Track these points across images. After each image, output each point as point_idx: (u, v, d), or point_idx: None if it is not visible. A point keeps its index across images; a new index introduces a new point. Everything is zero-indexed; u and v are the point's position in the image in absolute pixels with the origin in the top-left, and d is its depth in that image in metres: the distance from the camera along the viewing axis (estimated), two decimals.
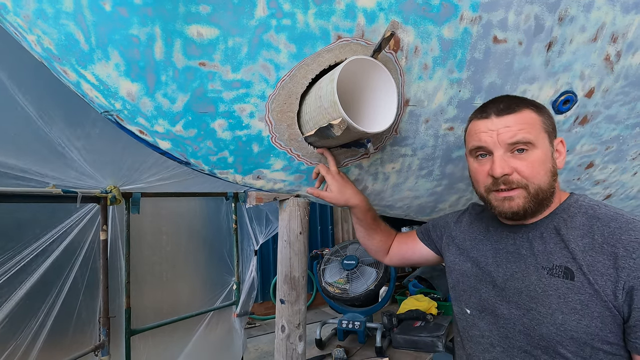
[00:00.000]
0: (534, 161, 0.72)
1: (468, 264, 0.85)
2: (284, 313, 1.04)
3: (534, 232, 0.75)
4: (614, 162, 1.18)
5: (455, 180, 1.14)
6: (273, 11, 0.71)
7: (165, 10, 0.66)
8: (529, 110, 0.73)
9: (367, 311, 1.97)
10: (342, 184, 0.95)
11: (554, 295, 0.68)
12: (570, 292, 0.67)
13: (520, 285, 0.73)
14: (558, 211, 0.75)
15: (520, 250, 0.76)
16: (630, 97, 0.99)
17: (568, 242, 0.70)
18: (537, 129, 0.73)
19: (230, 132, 0.82)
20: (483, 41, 0.83)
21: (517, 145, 0.72)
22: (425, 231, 1.04)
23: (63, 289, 1.48)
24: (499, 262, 0.78)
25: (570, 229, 0.71)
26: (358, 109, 0.87)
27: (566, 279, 0.67)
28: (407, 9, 0.77)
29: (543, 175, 0.72)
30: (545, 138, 0.74)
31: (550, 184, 0.73)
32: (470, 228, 0.89)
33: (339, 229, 4.85)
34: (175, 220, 2.17)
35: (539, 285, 0.71)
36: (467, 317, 0.83)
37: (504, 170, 0.72)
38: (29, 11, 0.64)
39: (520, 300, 0.73)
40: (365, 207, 1.01)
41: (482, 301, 0.79)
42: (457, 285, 0.87)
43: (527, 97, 0.78)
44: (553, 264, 0.70)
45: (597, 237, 0.67)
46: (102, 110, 0.76)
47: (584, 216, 0.71)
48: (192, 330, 2.19)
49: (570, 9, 0.82)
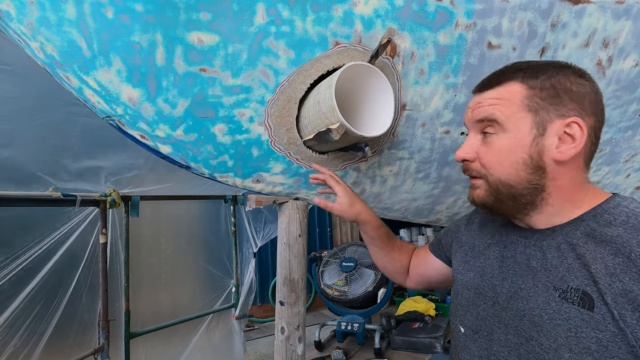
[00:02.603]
0: (497, 148, 0.59)
1: (471, 273, 0.70)
2: (284, 315, 1.05)
3: (550, 241, 0.58)
4: (607, 164, 1.20)
5: (451, 183, 1.15)
6: (272, 18, 0.72)
7: (167, 17, 0.68)
8: (515, 83, 0.58)
9: (365, 313, 1.98)
10: (353, 196, 0.88)
11: (563, 326, 0.52)
12: (585, 326, 0.50)
13: (523, 307, 0.58)
14: (586, 217, 0.57)
15: (531, 262, 0.60)
16: (622, 101, 1.01)
17: (587, 260, 0.53)
18: (513, 106, 0.58)
19: (230, 136, 0.83)
20: (478, 47, 0.85)
21: (482, 126, 0.61)
22: (436, 241, 0.89)
23: (63, 292, 1.49)
24: (505, 274, 0.63)
25: (598, 242, 0.53)
26: (356, 114, 0.88)
27: (582, 308, 0.51)
28: (404, 16, 0.78)
29: (508, 166, 0.58)
30: (526, 119, 0.57)
31: (521, 178, 0.58)
32: (481, 230, 0.74)
33: (337, 231, 4.86)
34: (174, 223, 2.18)
35: (545, 310, 0.55)
36: (459, 336, 0.68)
37: (463, 154, 0.63)
38: (32, 19, 0.65)
39: (521, 326, 0.57)
40: (376, 223, 0.91)
41: (478, 320, 0.65)
42: (455, 297, 0.73)
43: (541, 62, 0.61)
44: (568, 285, 0.53)
45: (636, 257, 0.49)
46: (104, 115, 0.77)
47: (623, 226, 0.53)
48: (191, 333, 2.18)
49: (563, 16, 0.84)
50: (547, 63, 0.59)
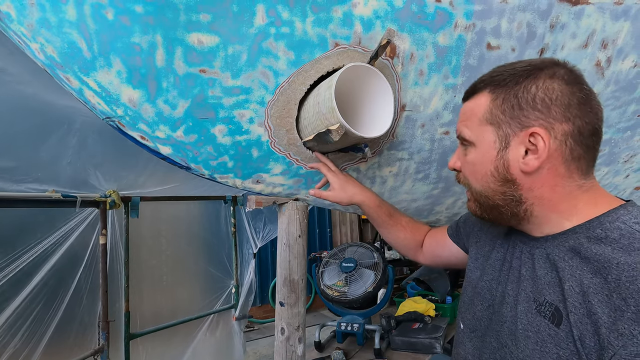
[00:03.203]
0: (470, 161, 0.61)
1: (478, 272, 0.70)
2: (284, 315, 1.05)
3: (541, 250, 0.57)
4: (606, 164, 1.20)
5: (451, 184, 1.15)
6: (272, 19, 0.72)
7: (167, 18, 0.68)
8: (483, 94, 0.58)
9: (365, 313, 1.98)
10: (344, 180, 0.90)
11: (532, 338, 0.53)
12: (550, 341, 0.51)
13: (507, 314, 0.58)
14: (579, 229, 0.54)
15: (522, 270, 0.60)
16: (621, 101, 1.02)
17: (565, 275, 0.51)
18: (477, 122, 0.58)
19: (230, 137, 0.84)
20: (477, 48, 0.85)
21: (460, 140, 0.63)
22: (455, 225, 0.88)
23: (63, 293, 1.49)
24: (501, 278, 0.63)
25: (582, 258, 0.51)
26: (355, 115, 0.88)
27: (552, 323, 0.51)
28: (403, 17, 0.78)
29: (480, 178, 0.60)
30: (489, 132, 0.57)
31: (494, 190, 0.58)
32: (495, 228, 0.73)
33: (337, 231, 4.86)
34: (174, 224, 2.18)
35: (521, 320, 0.55)
36: (460, 331, 0.70)
37: (451, 164, 0.65)
38: (33, 20, 0.65)
39: (501, 332, 0.58)
40: (374, 203, 0.93)
41: (474, 320, 0.66)
42: (463, 293, 0.73)
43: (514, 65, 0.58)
44: (545, 298, 0.53)
45: (612, 280, 0.46)
46: (104, 116, 0.77)
47: (612, 245, 0.49)
48: (191, 333, 2.19)
49: (562, 16, 0.84)
50: (522, 67, 0.56)
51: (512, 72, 0.56)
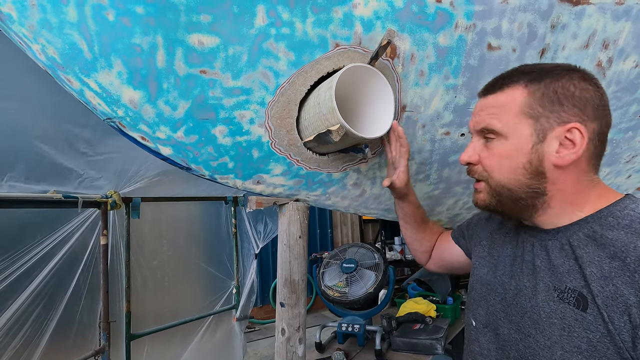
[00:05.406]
0: (498, 154, 0.61)
1: (485, 269, 0.73)
2: (284, 316, 1.05)
3: (554, 241, 0.60)
4: (608, 165, 1.20)
5: (452, 184, 1.15)
6: (272, 20, 0.73)
7: (167, 19, 0.68)
8: (517, 87, 0.60)
9: (366, 314, 1.98)
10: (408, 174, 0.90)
11: (557, 325, 0.55)
12: (577, 326, 0.53)
13: (526, 305, 0.60)
14: (591, 219, 0.57)
15: (536, 261, 0.61)
16: (622, 102, 1.01)
17: (584, 262, 0.54)
18: (512, 114, 0.59)
19: (230, 138, 0.84)
20: (478, 48, 0.85)
21: (484, 133, 0.63)
22: (459, 230, 0.90)
23: (64, 294, 1.49)
24: (514, 272, 0.65)
25: (598, 245, 0.54)
26: (356, 115, 0.88)
27: (577, 308, 0.53)
28: (403, 18, 0.78)
29: (507, 171, 0.60)
30: (526, 126, 0.58)
31: (521, 182, 0.60)
32: (500, 226, 0.76)
33: (338, 232, 4.86)
34: (175, 225, 2.18)
35: (543, 309, 0.57)
36: (471, 329, 0.72)
37: (466, 157, 0.65)
38: (34, 21, 0.65)
39: (522, 323, 0.60)
40: (417, 203, 0.94)
41: (488, 314, 0.68)
42: (471, 291, 0.76)
43: (547, 65, 0.61)
44: (566, 285, 0.55)
45: (631, 261, 0.50)
46: (104, 117, 0.77)
47: (624, 230, 0.53)
48: (192, 334, 2.19)
49: (562, 17, 0.84)
50: (552, 66, 0.60)
51: (547, 70, 0.59)
